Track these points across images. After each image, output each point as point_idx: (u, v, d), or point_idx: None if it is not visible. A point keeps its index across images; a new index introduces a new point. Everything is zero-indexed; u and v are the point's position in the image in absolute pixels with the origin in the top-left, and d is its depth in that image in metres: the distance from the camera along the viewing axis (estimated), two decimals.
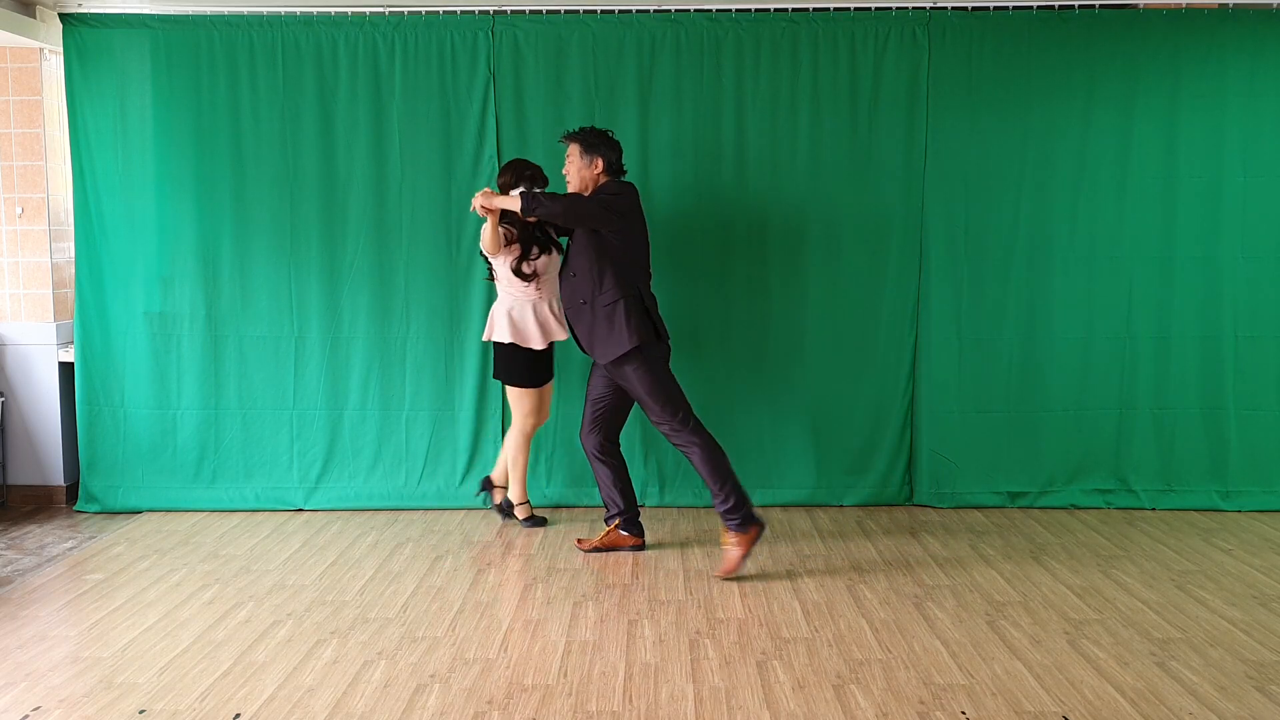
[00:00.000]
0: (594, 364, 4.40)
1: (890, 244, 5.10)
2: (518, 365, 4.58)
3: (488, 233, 4.35)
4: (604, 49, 5.01)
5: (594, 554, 4.47)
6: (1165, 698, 3.12)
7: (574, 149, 4.30)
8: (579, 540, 4.57)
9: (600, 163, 4.26)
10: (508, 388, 4.68)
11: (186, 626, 3.68)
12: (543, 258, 4.51)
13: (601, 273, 4.17)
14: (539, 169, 4.56)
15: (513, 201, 4.17)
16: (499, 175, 4.59)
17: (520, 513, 4.85)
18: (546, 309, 4.56)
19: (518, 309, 4.54)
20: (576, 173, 4.30)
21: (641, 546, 4.54)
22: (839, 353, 5.15)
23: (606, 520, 4.57)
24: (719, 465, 4.20)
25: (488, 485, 4.97)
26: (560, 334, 4.59)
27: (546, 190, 4.46)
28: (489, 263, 4.59)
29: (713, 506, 4.13)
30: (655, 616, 3.78)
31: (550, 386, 4.78)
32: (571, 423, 5.06)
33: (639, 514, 4.58)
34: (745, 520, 4.17)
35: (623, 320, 4.15)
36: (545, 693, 3.17)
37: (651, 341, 4.22)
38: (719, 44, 5.01)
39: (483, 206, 4.24)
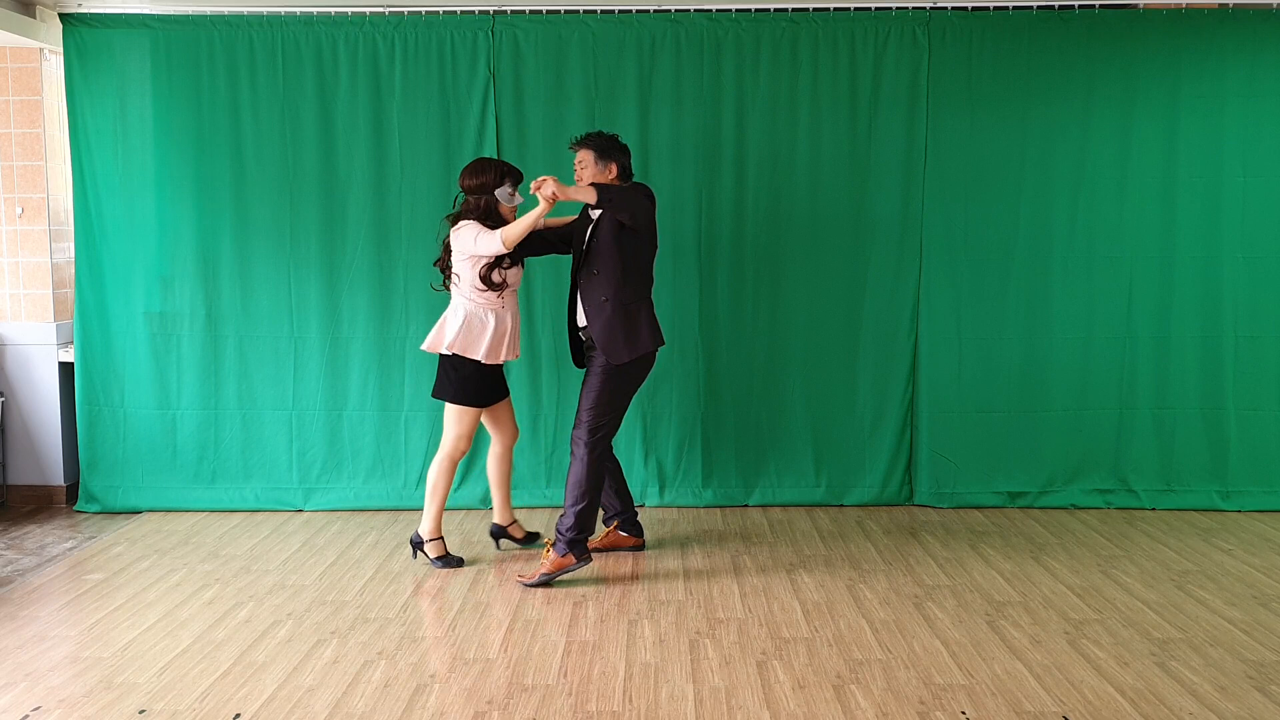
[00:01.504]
0: (588, 366, 4.25)
1: (890, 244, 5.10)
2: (468, 380, 4.15)
3: (522, 226, 3.93)
4: (604, 49, 5.01)
5: (594, 554, 4.46)
6: (1165, 698, 3.12)
7: (587, 155, 4.16)
8: None
9: (615, 168, 4.17)
10: (448, 405, 4.21)
11: (186, 626, 3.68)
12: (515, 268, 4.17)
13: (625, 273, 4.09)
14: (512, 166, 4.19)
15: (589, 193, 3.89)
16: (471, 176, 4.12)
17: (433, 550, 4.31)
18: (509, 321, 4.18)
19: (478, 318, 4.12)
20: (591, 179, 4.16)
21: (641, 547, 4.54)
22: (839, 353, 5.15)
23: (605, 521, 4.56)
24: (588, 489, 4.10)
25: (499, 533, 4.54)
26: (513, 354, 4.23)
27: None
28: (445, 272, 4.22)
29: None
30: (655, 616, 3.78)
31: (507, 405, 4.38)
32: (570, 424, 5.06)
33: (637, 514, 4.57)
34: (570, 545, 4.10)
35: (645, 323, 4.13)
36: (545, 693, 3.17)
37: (652, 350, 4.17)
38: (719, 44, 5.01)
39: (554, 194, 3.83)
